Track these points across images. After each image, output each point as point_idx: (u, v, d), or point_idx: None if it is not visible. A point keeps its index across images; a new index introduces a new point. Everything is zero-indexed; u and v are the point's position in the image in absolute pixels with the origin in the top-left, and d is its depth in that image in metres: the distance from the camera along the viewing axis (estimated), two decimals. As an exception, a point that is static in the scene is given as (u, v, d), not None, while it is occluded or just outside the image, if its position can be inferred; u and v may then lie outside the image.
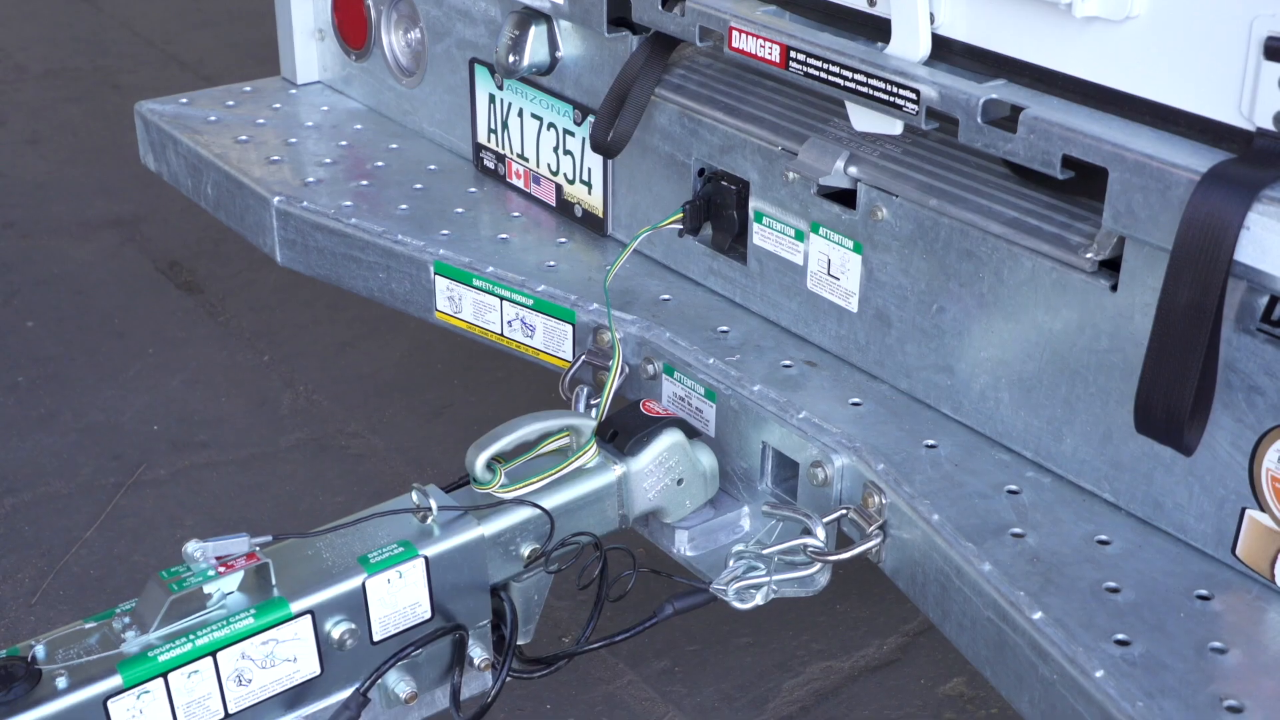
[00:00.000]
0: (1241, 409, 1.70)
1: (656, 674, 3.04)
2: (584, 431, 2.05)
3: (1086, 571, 1.79)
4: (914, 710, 2.98)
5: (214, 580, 1.77)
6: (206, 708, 1.77)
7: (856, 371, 2.22)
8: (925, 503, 1.91)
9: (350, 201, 2.75)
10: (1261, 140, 1.61)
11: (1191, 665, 1.64)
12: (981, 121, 1.83)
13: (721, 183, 2.36)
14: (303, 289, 4.41)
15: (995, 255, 1.95)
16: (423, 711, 2.01)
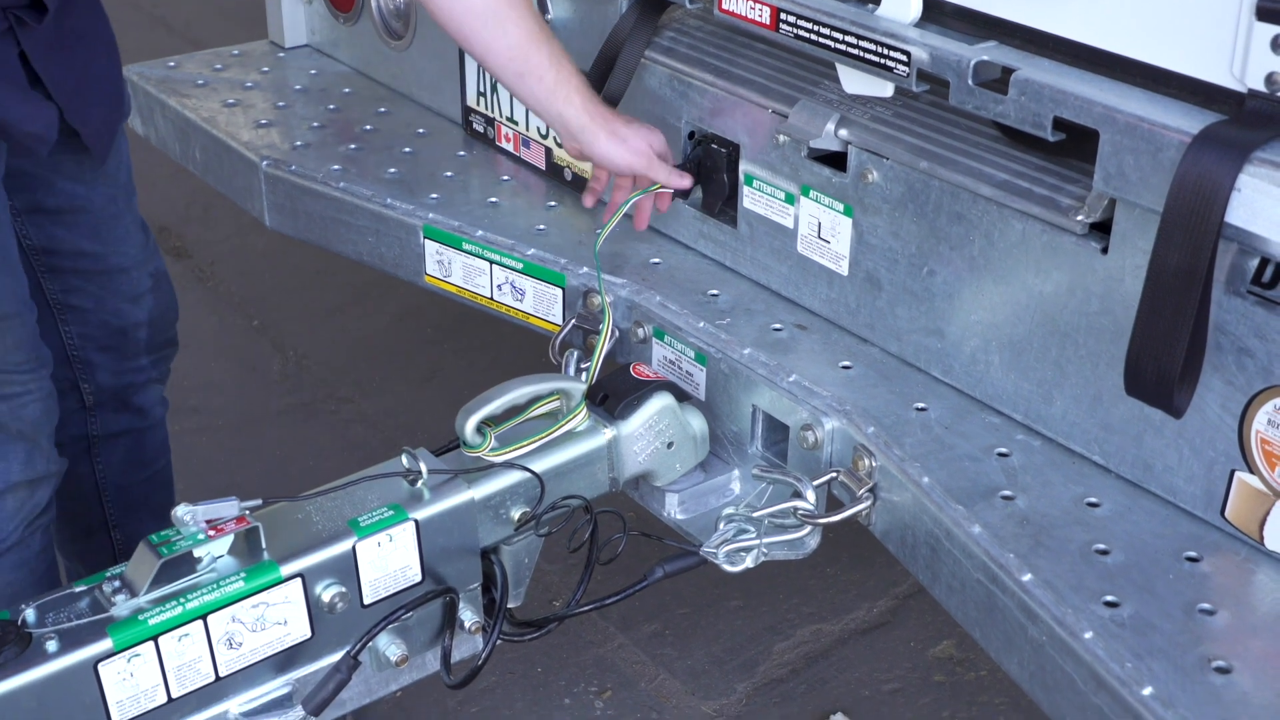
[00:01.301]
0: (1231, 371, 1.70)
1: (647, 637, 3.05)
2: (574, 395, 2.05)
3: (1076, 533, 1.80)
4: (904, 672, 2.99)
5: (204, 544, 1.77)
6: (197, 671, 1.78)
7: (847, 335, 2.22)
8: (915, 465, 1.91)
9: (339, 165, 2.74)
10: (1253, 102, 1.61)
11: (1180, 626, 1.65)
12: (972, 83, 1.82)
13: (712, 146, 2.35)
14: (292, 254, 4.40)
15: (986, 218, 1.95)
16: (414, 674, 2.02)
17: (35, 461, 2.20)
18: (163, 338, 2.59)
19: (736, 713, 2.89)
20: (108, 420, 2.56)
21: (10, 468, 2.16)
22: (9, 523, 2.18)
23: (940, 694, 2.93)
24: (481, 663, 1.97)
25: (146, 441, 2.65)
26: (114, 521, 2.62)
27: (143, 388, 2.59)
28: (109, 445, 2.58)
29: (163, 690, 1.76)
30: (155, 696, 1.75)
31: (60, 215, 2.31)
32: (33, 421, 2.18)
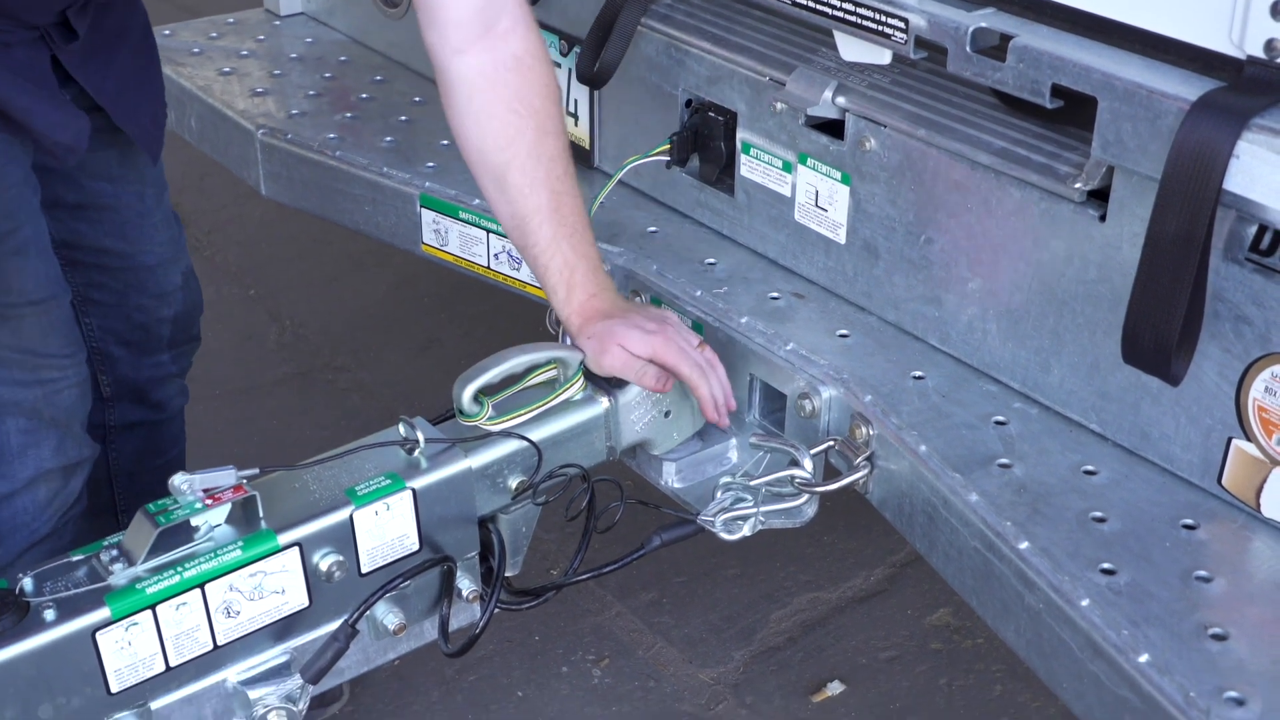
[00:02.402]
0: (1229, 339, 1.70)
1: (644, 605, 3.06)
2: (571, 364, 2.04)
3: (1073, 501, 1.80)
4: (901, 640, 3.00)
5: (201, 513, 1.77)
6: (195, 639, 1.78)
7: (844, 303, 2.21)
8: (912, 434, 1.91)
9: (335, 134, 2.73)
10: (1252, 68, 1.60)
11: (1177, 594, 1.65)
12: (970, 50, 1.81)
13: (709, 114, 2.34)
14: (288, 223, 4.39)
15: (983, 186, 1.94)
16: (411, 643, 2.02)
17: (68, 448, 2.17)
18: (186, 334, 2.57)
19: (734, 681, 2.90)
20: (125, 411, 2.54)
21: (42, 454, 2.13)
22: (41, 514, 2.16)
23: (937, 662, 2.94)
24: (480, 630, 1.98)
25: (162, 433, 2.63)
26: (122, 507, 2.59)
27: (162, 382, 2.56)
28: (124, 435, 2.56)
29: (161, 659, 1.76)
30: (153, 665, 1.75)
31: (83, 211, 2.28)
32: (67, 409, 2.15)
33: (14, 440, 2.09)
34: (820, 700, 2.85)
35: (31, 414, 2.10)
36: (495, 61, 1.99)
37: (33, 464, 2.11)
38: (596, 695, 2.86)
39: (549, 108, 2.03)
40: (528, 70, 2.00)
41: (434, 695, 2.83)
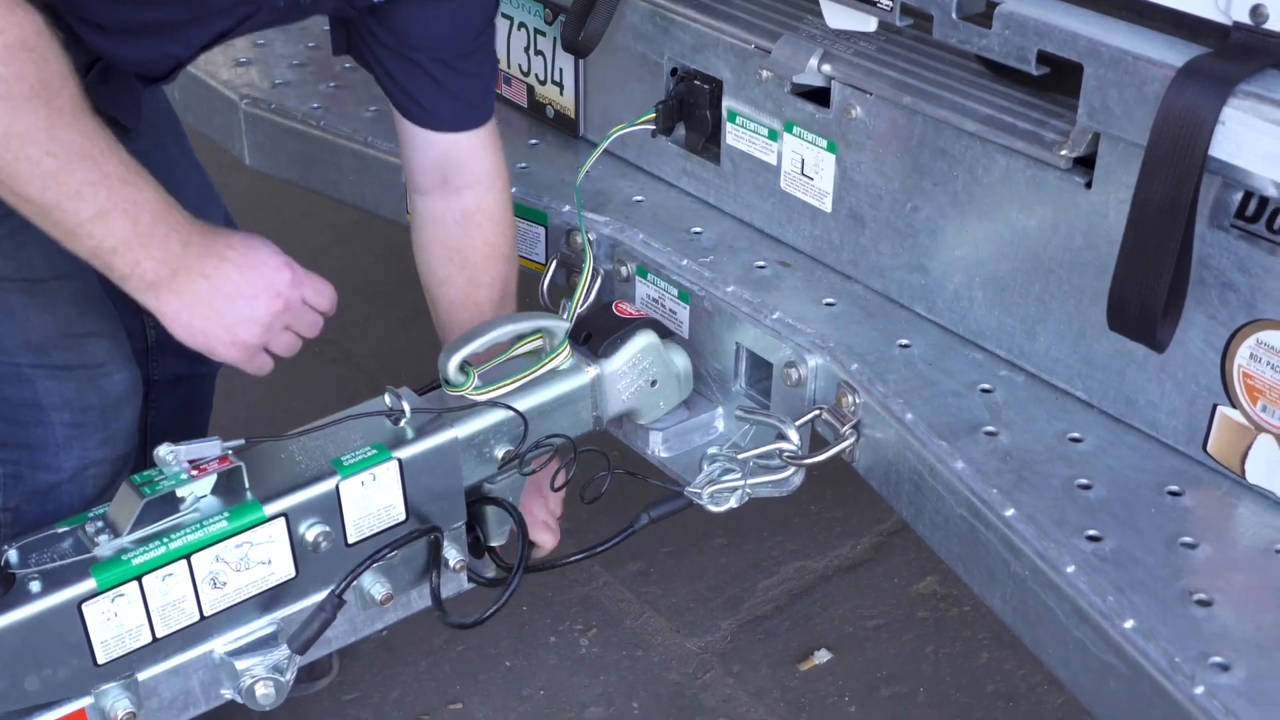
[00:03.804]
0: (1214, 306, 1.70)
1: (632, 576, 3.06)
2: (557, 333, 2.04)
3: (1058, 468, 1.80)
4: (888, 609, 3.00)
5: (187, 484, 1.77)
6: (182, 610, 1.78)
7: (830, 272, 2.21)
8: (899, 402, 1.91)
9: (319, 104, 2.72)
10: (1238, 34, 1.60)
11: (1162, 560, 1.66)
12: (956, 17, 1.81)
13: (694, 82, 2.33)
14: (274, 194, 4.37)
15: (969, 153, 1.94)
16: (399, 613, 2.02)
17: (117, 441, 2.07)
18: None
19: (721, 649, 2.90)
20: (168, 364, 2.44)
21: (88, 446, 2.03)
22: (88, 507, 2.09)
23: (924, 630, 2.95)
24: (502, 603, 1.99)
25: (202, 391, 2.57)
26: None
27: None
28: (166, 391, 2.47)
29: (147, 630, 1.76)
30: (140, 636, 1.76)
31: None
32: (116, 397, 2.04)
33: (59, 432, 2.00)
34: (807, 668, 2.86)
35: (80, 405, 2.00)
36: (445, 210, 2.16)
37: (78, 455, 2.02)
38: (584, 665, 2.87)
39: (489, 264, 2.18)
40: (474, 226, 2.16)
41: (422, 666, 2.84)
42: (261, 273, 1.82)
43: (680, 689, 2.81)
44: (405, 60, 2.06)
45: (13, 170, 1.61)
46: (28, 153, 1.60)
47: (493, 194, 2.18)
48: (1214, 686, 1.48)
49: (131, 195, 1.69)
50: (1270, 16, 1.56)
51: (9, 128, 1.58)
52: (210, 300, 1.77)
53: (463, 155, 2.14)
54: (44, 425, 1.98)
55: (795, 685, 2.82)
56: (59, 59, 1.62)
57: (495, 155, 2.18)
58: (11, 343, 1.94)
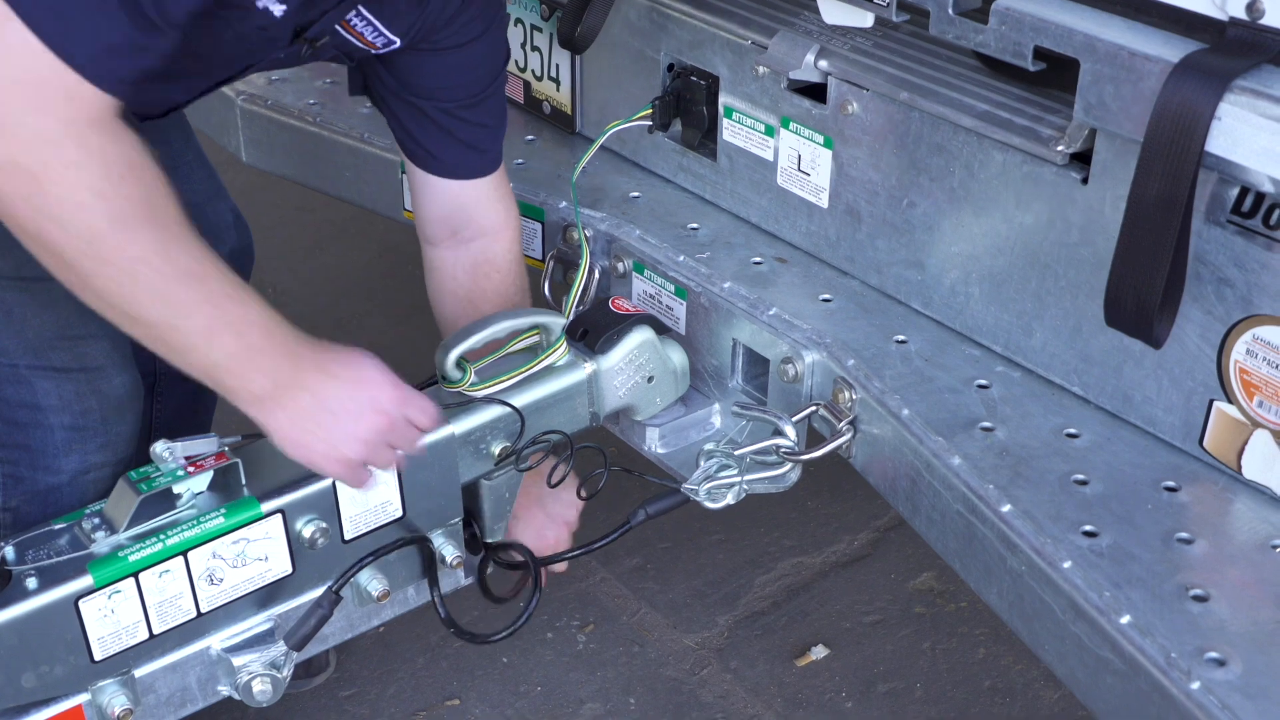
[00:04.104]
0: (1210, 301, 1.70)
1: (629, 571, 3.06)
2: (553, 329, 2.04)
3: (1055, 464, 1.80)
4: (884, 604, 3.00)
5: (183, 480, 1.77)
6: (179, 607, 1.78)
7: (827, 267, 2.21)
8: (895, 398, 1.91)
9: (316, 100, 2.72)
10: (1234, 30, 1.60)
11: (1158, 555, 1.66)
12: (952, 13, 1.81)
13: (691, 78, 2.33)
14: (270, 190, 4.37)
15: (966, 149, 1.94)
16: (395, 609, 2.02)
17: (118, 445, 2.05)
18: (241, 275, 2.49)
19: (718, 645, 2.91)
20: None
21: (88, 449, 2.02)
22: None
23: (921, 626, 2.95)
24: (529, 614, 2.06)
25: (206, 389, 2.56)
26: None
27: None
28: (174, 385, 2.42)
29: (144, 626, 1.76)
30: (137, 632, 1.76)
31: None
32: (116, 399, 2.02)
33: (59, 435, 1.99)
34: (804, 664, 2.86)
35: (80, 409, 1.99)
36: (455, 261, 2.19)
37: (78, 458, 2.01)
38: (581, 661, 2.86)
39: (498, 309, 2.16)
40: (483, 278, 2.18)
41: (419, 662, 2.84)
42: (366, 390, 1.81)
43: (677, 685, 2.81)
44: (411, 106, 2.07)
45: (127, 292, 1.63)
46: (141, 274, 1.61)
47: (499, 245, 2.19)
48: (1210, 682, 1.49)
49: (239, 312, 1.70)
50: (1266, 12, 1.56)
51: (123, 250, 1.59)
52: (315, 415, 1.76)
53: (470, 207, 2.14)
54: (43, 427, 1.98)
55: (792, 681, 2.83)
56: (160, 177, 1.64)
57: (504, 206, 2.18)
58: (9, 342, 1.93)
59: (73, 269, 1.61)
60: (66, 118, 1.53)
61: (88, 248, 1.58)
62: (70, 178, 1.54)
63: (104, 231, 1.57)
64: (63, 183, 1.54)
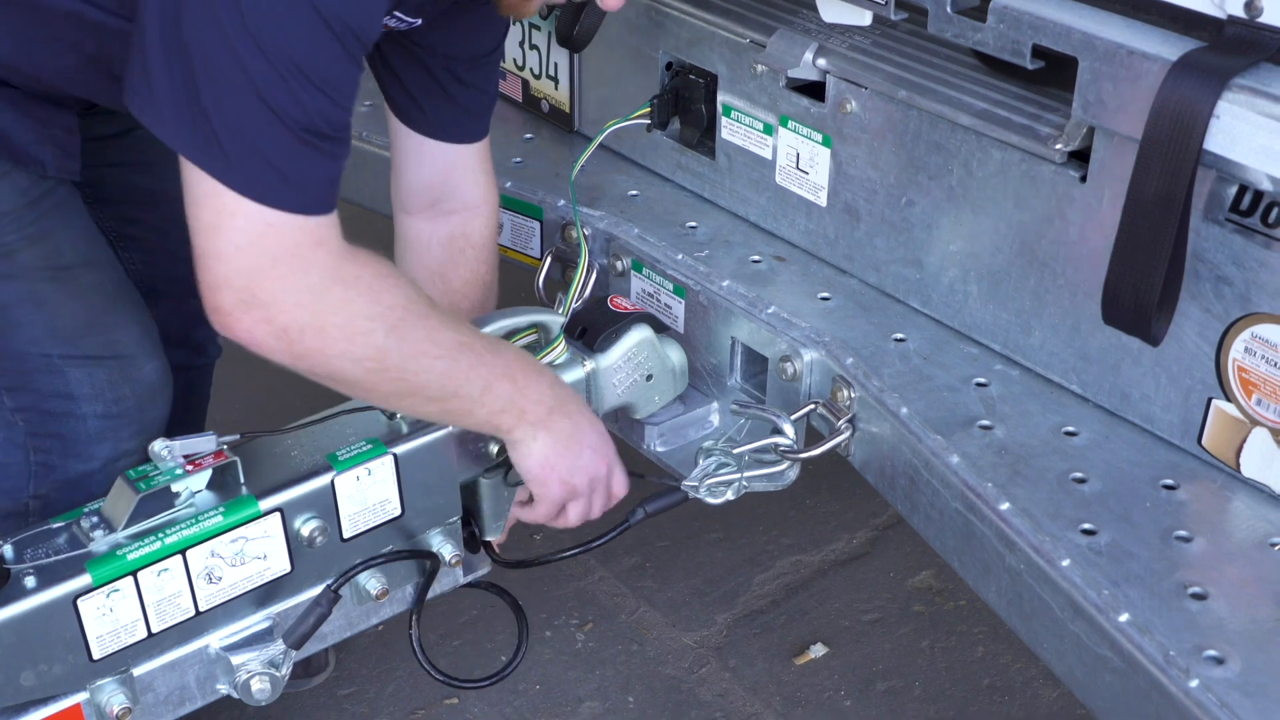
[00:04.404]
0: (1209, 299, 1.70)
1: (627, 570, 3.06)
2: (552, 328, 2.04)
3: (1054, 462, 1.80)
4: (883, 603, 3.01)
5: (182, 479, 1.77)
6: (177, 605, 1.78)
7: (825, 266, 2.21)
8: (894, 396, 1.91)
9: (314, 98, 2.71)
10: (1232, 28, 1.60)
11: (1157, 553, 1.66)
12: (951, 11, 1.81)
13: (689, 76, 2.33)
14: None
15: (964, 147, 1.94)
16: (394, 608, 2.02)
17: (150, 431, 2.03)
18: None
19: (717, 644, 2.91)
20: (169, 354, 2.40)
21: (120, 436, 2.02)
22: None
23: (920, 624, 2.95)
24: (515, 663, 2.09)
25: (196, 382, 2.53)
26: None
27: (206, 320, 2.45)
28: None
29: (143, 625, 1.76)
30: (135, 631, 1.75)
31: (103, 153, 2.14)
32: (149, 385, 2.03)
33: (91, 424, 2.00)
34: (803, 663, 2.86)
35: (112, 397, 2.00)
36: (431, 232, 2.17)
37: (111, 445, 2.02)
38: (580, 659, 2.87)
39: (469, 291, 2.19)
40: (458, 253, 2.17)
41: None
42: (600, 432, 1.99)
43: (676, 683, 2.81)
44: (414, 60, 2.04)
45: (418, 383, 1.76)
46: (422, 365, 1.75)
47: (478, 221, 2.17)
48: (1209, 680, 1.49)
49: (501, 361, 1.85)
50: (1264, 10, 1.56)
51: (403, 350, 1.72)
52: (568, 441, 1.93)
53: (455, 176, 2.13)
54: (75, 416, 1.98)
55: (791, 680, 2.83)
56: (395, 269, 1.76)
57: (486, 180, 2.17)
58: (42, 332, 1.94)
59: (362, 385, 1.74)
60: (323, 265, 1.62)
61: (375, 364, 1.70)
62: (345, 315, 1.65)
63: (384, 345, 1.69)
64: (340, 323, 1.65)
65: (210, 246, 1.57)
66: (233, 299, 1.60)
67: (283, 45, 1.49)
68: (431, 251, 2.17)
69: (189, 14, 1.48)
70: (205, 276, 1.60)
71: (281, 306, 1.60)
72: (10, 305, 1.91)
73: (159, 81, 1.51)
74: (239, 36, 1.47)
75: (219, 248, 1.57)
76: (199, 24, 1.48)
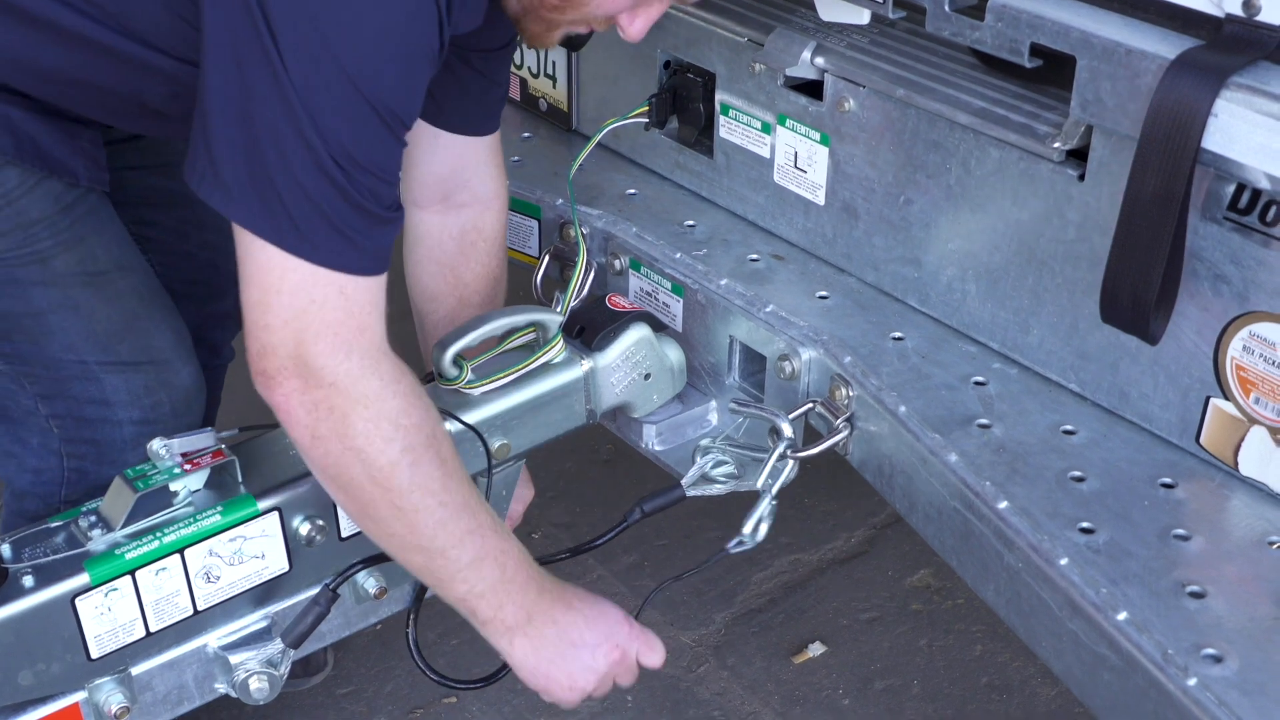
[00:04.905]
0: (1207, 298, 1.70)
1: (626, 569, 3.06)
2: (550, 327, 2.04)
3: (1052, 461, 1.80)
4: (881, 602, 3.01)
5: (180, 478, 1.77)
6: (175, 604, 1.78)
7: (824, 265, 2.21)
8: (892, 395, 1.91)
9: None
10: (1230, 26, 1.60)
11: (1155, 552, 1.66)
12: (949, 10, 1.81)
13: (687, 75, 2.33)
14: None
15: (963, 146, 1.94)
16: (393, 607, 2.02)
17: None
18: None
19: (715, 643, 2.91)
20: None
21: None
22: None
23: (918, 623, 2.95)
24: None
25: (210, 383, 2.48)
26: None
27: (222, 321, 2.44)
28: None
29: (141, 624, 1.76)
30: (133, 630, 1.76)
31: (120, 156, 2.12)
32: (185, 390, 2.05)
33: (127, 431, 2.01)
34: (801, 661, 2.86)
35: (150, 403, 2.00)
36: (442, 227, 2.15)
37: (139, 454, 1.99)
38: (578, 658, 2.86)
39: (481, 285, 2.18)
40: (470, 246, 2.16)
41: (416, 659, 2.84)
42: (605, 625, 1.92)
43: (675, 682, 2.81)
44: None
45: (413, 520, 1.72)
46: (425, 502, 1.71)
47: (490, 214, 2.17)
48: (1207, 678, 1.49)
49: (500, 544, 1.81)
50: (1262, 8, 1.56)
51: (413, 477, 1.69)
52: (557, 646, 1.87)
53: (468, 169, 2.12)
54: (111, 423, 1.98)
55: (789, 678, 2.83)
56: (427, 396, 1.75)
57: (498, 174, 2.17)
58: (78, 338, 1.94)
59: (359, 496, 1.71)
60: (364, 351, 1.66)
61: (381, 477, 1.68)
62: (372, 412, 1.65)
63: (397, 462, 1.68)
64: (366, 418, 1.65)
65: (262, 318, 1.62)
66: (277, 364, 1.63)
67: (338, 134, 1.54)
68: (444, 245, 2.16)
69: (256, 105, 1.53)
70: (254, 344, 1.64)
71: (319, 379, 1.63)
72: (46, 312, 1.91)
73: (224, 163, 1.56)
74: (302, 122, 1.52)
75: (270, 319, 1.61)
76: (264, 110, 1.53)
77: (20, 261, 1.87)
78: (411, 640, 1.98)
